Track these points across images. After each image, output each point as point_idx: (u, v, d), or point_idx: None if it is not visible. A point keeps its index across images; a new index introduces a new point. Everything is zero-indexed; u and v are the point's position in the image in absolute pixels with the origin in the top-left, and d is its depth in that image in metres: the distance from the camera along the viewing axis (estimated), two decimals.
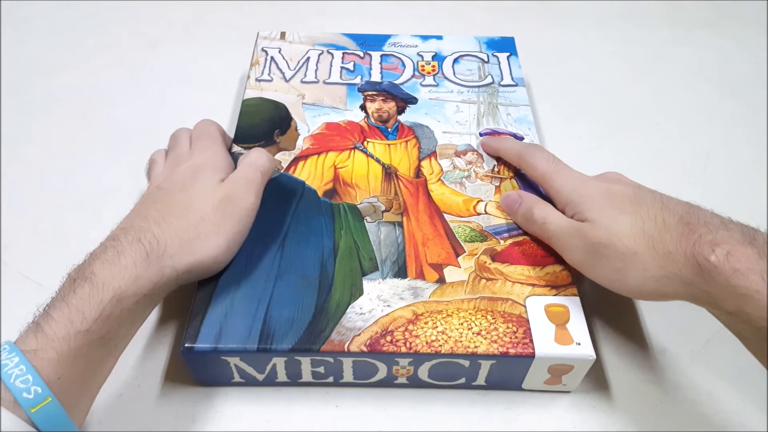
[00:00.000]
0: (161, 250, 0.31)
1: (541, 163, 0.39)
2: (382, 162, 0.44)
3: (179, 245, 0.32)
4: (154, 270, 0.30)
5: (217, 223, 0.34)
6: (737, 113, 0.56)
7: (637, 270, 0.31)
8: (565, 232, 0.35)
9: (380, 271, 0.37)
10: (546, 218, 0.36)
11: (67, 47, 0.61)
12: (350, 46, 0.54)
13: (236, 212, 0.35)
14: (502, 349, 0.33)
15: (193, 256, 0.32)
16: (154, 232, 0.32)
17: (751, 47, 0.64)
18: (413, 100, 0.49)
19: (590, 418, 0.35)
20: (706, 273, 0.28)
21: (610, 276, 0.33)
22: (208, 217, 0.34)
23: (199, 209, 0.34)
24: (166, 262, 0.31)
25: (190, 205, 0.34)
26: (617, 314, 0.40)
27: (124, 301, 0.29)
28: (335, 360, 0.34)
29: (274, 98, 0.49)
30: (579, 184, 0.36)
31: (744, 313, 0.27)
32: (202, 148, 0.39)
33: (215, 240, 0.33)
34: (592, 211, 0.34)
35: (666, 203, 0.33)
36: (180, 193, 0.35)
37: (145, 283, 0.30)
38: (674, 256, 0.29)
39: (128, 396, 0.35)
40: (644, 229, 0.31)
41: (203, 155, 0.38)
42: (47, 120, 0.53)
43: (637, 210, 0.32)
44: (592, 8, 0.69)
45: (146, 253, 0.30)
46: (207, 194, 0.35)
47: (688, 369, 0.38)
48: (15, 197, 0.47)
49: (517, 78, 0.51)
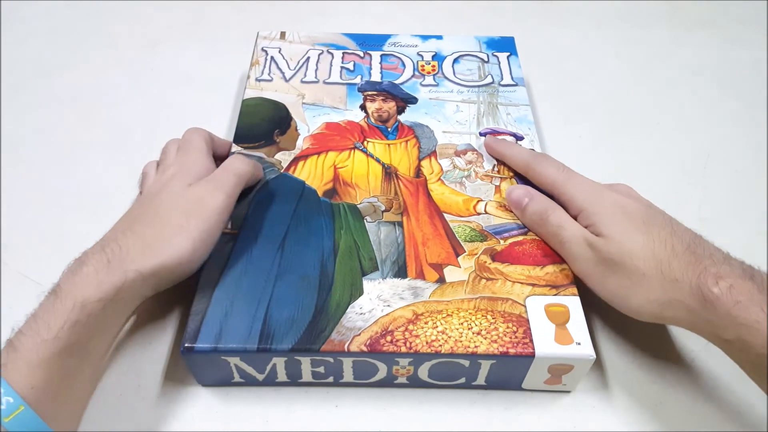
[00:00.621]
0: (123, 255, 0.31)
1: (551, 172, 0.39)
2: (382, 162, 0.44)
3: (142, 249, 0.32)
4: (117, 275, 0.31)
5: (181, 224, 0.34)
6: (737, 113, 0.56)
7: (642, 291, 0.32)
8: (578, 242, 0.35)
9: (380, 270, 0.37)
10: (562, 225, 0.36)
11: (67, 47, 0.61)
12: (350, 46, 0.54)
13: (202, 213, 0.35)
14: (502, 348, 0.33)
15: (157, 258, 0.32)
16: (118, 241, 0.32)
17: (751, 47, 0.64)
18: (413, 99, 0.49)
19: (590, 418, 0.35)
20: (709, 303, 0.29)
21: (615, 292, 0.34)
22: (173, 220, 0.34)
23: (165, 214, 0.34)
24: (128, 266, 0.31)
25: (157, 211, 0.34)
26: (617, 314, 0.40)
27: (89, 307, 0.29)
28: (335, 360, 0.34)
29: (274, 98, 0.49)
30: (593, 192, 0.36)
31: (743, 341, 0.29)
32: (179, 156, 0.39)
33: (178, 241, 0.33)
34: (606, 225, 0.34)
35: (675, 228, 0.33)
36: (149, 201, 0.36)
37: (108, 287, 0.30)
38: (680, 284, 0.31)
39: (128, 396, 0.35)
40: (654, 252, 0.32)
41: (177, 163, 0.38)
42: (47, 120, 0.53)
43: (650, 230, 0.33)
44: (592, 8, 0.69)
45: (107, 259, 0.31)
46: (174, 198, 0.35)
47: (688, 369, 0.38)
48: (15, 197, 0.47)
49: (517, 78, 0.51)
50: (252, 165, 0.40)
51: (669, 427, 0.35)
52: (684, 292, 0.30)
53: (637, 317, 0.34)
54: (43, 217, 0.45)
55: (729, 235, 0.37)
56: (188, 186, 0.36)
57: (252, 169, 0.40)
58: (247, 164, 0.39)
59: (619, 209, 0.35)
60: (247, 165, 0.39)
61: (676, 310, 0.31)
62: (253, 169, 0.40)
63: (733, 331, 0.29)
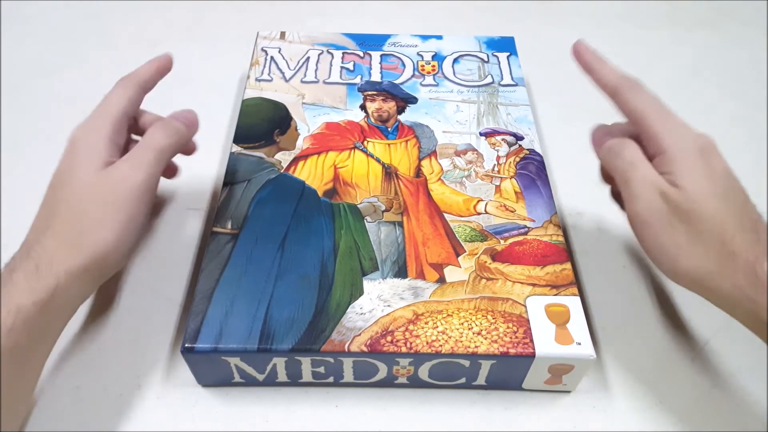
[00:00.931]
0: (49, 258, 0.30)
1: (645, 100, 0.35)
2: (382, 162, 0.44)
3: (66, 249, 0.31)
4: (48, 279, 0.30)
5: (98, 218, 0.32)
6: (737, 113, 0.56)
7: (697, 255, 0.31)
8: (648, 186, 0.32)
9: (380, 270, 0.37)
10: (635, 162, 0.33)
11: (67, 47, 0.61)
12: (350, 45, 0.54)
13: (119, 200, 0.32)
14: (502, 349, 0.33)
15: (82, 256, 0.31)
16: (41, 243, 0.31)
17: (751, 47, 0.64)
18: (413, 99, 0.49)
19: (590, 418, 0.35)
20: (760, 282, 0.29)
21: (668, 248, 0.32)
22: (90, 213, 0.32)
23: (81, 206, 0.32)
24: (57, 269, 0.30)
25: (72, 204, 0.32)
26: (617, 314, 0.40)
27: (24, 312, 0.29)
28: (335, 360, 0.34)
29: (274, 98, 0.49)
30: (683, 137, 0.33)
31: None
32: (89, 123, 0.35)
33: (100, 236, 0.32)
34: (687, 178, 0.31)
35: (748, 202, 0.32)
36: (62, 190, 0.33)
37: (40, 291, 0.30)
38: (737, 258, 0.30)
39: (128, 396, 0.35)
40: (723, 222, 0.31)
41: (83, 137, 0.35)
42: (47, 120, 0.53)
43: (727, 197, 0.31)
44: (592, 8, 0.69)
45: (35, 264, 0.30)
46: (86, 187, 0.32)
47: (688, 369, 0.38)
48: (15, 197, 0.46)
49: (517, 78, 0.51)
50: (175, 133, 0.36)
51: (669, 427, 0.35)
52: (738, 268, 0.30)
53: (677, 280, 0.32)
54: None
55: None
56: (100, 169, 0.33)
57: (176, 139, 0.36)
58: (168, 135, 0.36)
59: (705, 164, 0.32)
60: (168, 136, 0.35)
61: (721, 281, 0.30)
62: (177, 139, 0.36)
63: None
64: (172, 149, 0.36)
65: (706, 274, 0.31)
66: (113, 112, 0.35)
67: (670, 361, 0.38)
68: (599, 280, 0.42)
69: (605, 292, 0.42)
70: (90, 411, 0.35)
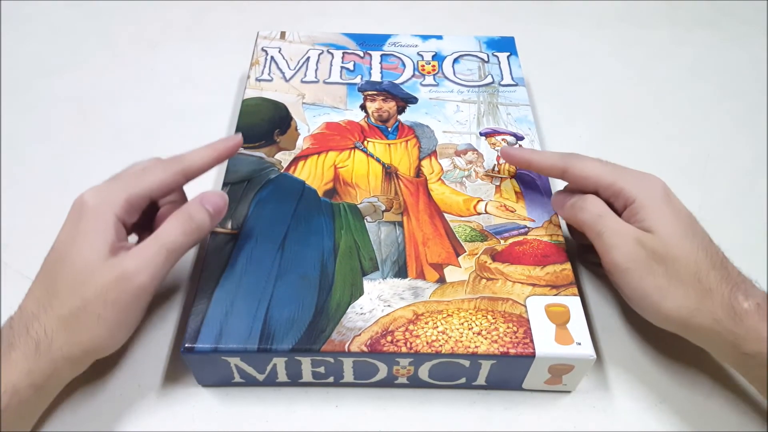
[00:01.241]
0: (49, 341, 0.30)
1: (595, 165, 0.36)
2: (382, 161, 0.44)
3: (66, 336, 0.30)
4: (45, 362, 0.30)
5: (98, 313, 0.30)
6: (737, 113, 0.56)
7: (678, 295, 0.32)
8: (623, 232, 0.34)
9: (380, 270, 0.37)
10: (602, 214, 0.35)
11: (67, 47, 0.61)
12: (350, 45, 0.54)
13: (121, 299, 0.31)
14: (502, 349, 0.33)
15: (79, 346, 0.31)
16: (40, 320, 0.30)
17: (751, 47, 0.64)
18: (413, 99, 0.49)
19: (590, 418, 0.35)
20: (738, 316, 0.31)
21: (650, 292, 0.33)
22: (90, 305, 0.30)
23: (82, 293, 0.31)
24: (56, 354, 0.30)
25: (73, 287, 0.31)
26: (617, 314, 0.40)
27: (21, 393, 0.29)
28: (335, 360, 0.34)
29: (274, 98, 0.49)
30: (644, 183, 0.35)
31: (762, 354, 0.30)
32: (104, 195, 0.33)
33: (98, 332, 0.31)
34: (659, 222, 0.33)
35: (710, 240, 0.34)
36: (63, 266, 0.31)
37: (38, 376, 0.30)
38: (713, 294, 0.32)
39: (128, 396, 0.35)
40: (697, 259, 0.32)
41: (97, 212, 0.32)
42: (47, 120, 0.53)
43: (695, 236, 0.33)
44: (592, 8, 0.69)
45: (35, 345, 0.30)
46: (90, 272, 0.31)
47: (687, 369, 0.38)
48: (15, 197, 0.46)
49: (517, 78, 0.51)
50: (195, 231, 0.33)
51: (669, 427, 0.35)
52: (716, 303, 0.31)
53: (662, 323, 0.34)
54: (43, 217, 0.45)
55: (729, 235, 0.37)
56: (106, 257, 0.31)
57: (194, 238, 0.33)
58: (185, 233, 0.33)
59: (671, 208, 0.34)
60: (185, 234, 0.33)
61: (703, 318, 0.32)
62: (195, 237, 0.33)
63: (756, 345, 0.30)
64: (186, 247, 0.33)
65: (688, 312, 0.32)
66: (136, 189, 0.33)
67: (670, 361, 0.38)
68: (599, 280, 0.42)
69: (605, 292, 0.42)
70: (90, 411, 0.35)
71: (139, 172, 0.34)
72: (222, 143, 0.36)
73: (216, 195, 0.35)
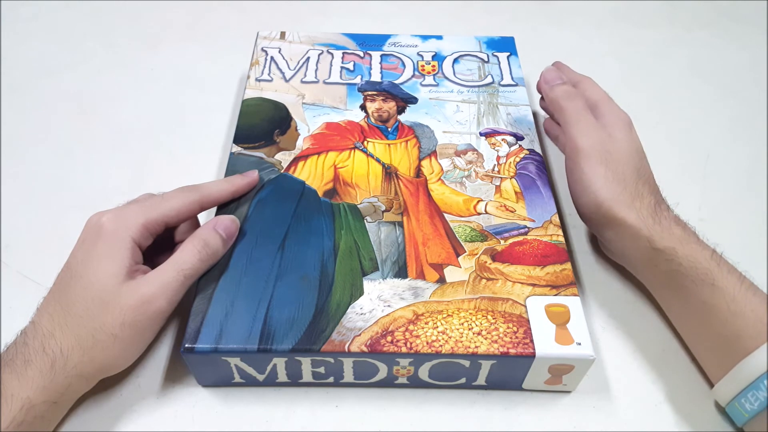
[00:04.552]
0: (64, 359, 0.31)
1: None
2: (382, 162, 0.44)
3: (81, 354, 0.31)
4: (60, 379, 0.31)
5: (115, 334, 0.31)
6: (737, 113, 0.56)
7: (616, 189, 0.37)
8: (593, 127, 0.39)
9: (380, 271, 0.37)
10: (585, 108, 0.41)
11: (67, 47, 0.61)
12: (350, 46, 0.54)
13: (137, 322, 0.32)
14: (502, 349, 0.33)
15: (94, 364, 0.32)
16: (56, 338, 0.31)
17: (751, 47, 0.64)
18: (413, 99, 0.49)
19: (590, 418, 0.35)
20: (658, 217, 0.36)
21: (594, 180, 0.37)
22: (106, 326, 0.31)
23: (98, 313, 0.31)
24: (70, 372, 0.31)
25: (88, 307, 0.32)
26: (617, 314, 0.40)
27: (36, 409, 0.30)
28: (335, 360, 0.34)
29: (274, 98, 0.49)
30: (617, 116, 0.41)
31: (670, 249, 0.35)
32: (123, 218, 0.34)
33: (112, 351, 0.32)
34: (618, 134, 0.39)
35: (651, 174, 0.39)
36: (79, 284, 0.32)
37: (53, 393, 0.31)
38: (643, 198, 0.37)
39: (128, 396, 0.35)
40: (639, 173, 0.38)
41: (112, 234, 0.33)
42: (47, 120, 0.53)
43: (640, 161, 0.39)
44: (592, 8, 0.69)
45: (51, 363, 0.31)
46: (107, 294, 0.32)
47: (687, 369, 0.38)
48: (15, 197, 0.47)
49: (517, 78, 0.51)
50: (210, 256, 0.35)
51: (669, 427, 0.35)
52: (643, 204, 0.37)
53: (593, 211, 0.38)
54: (43, 217, 0.45)
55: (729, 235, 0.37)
56: (123, 279, 0.32)
57: (208, 263, 0.35)
58: (201, 258, 0.34)
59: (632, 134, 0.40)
60: (201, 260, 0.34)
61: (628, 213, 0.36)
62: (209, 263, 0.35)
63: (668, 241, 0.35)
64: (201, 272, 0.35)
65: (618, 204, 0.36)
66: (153, 214, 0.34)
67: (670, 361, 0.38)
68: (599, 280, 0.42)
69: (605, 292, 0.42)
70: (90, 411, 0.35)
71: (158, 198, 0.35)
72: (239, 178, 0.40)
73: (228, 219, 0.37)
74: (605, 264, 0.43)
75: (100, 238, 0.33)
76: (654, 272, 0.37)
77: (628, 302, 0.41)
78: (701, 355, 0.36)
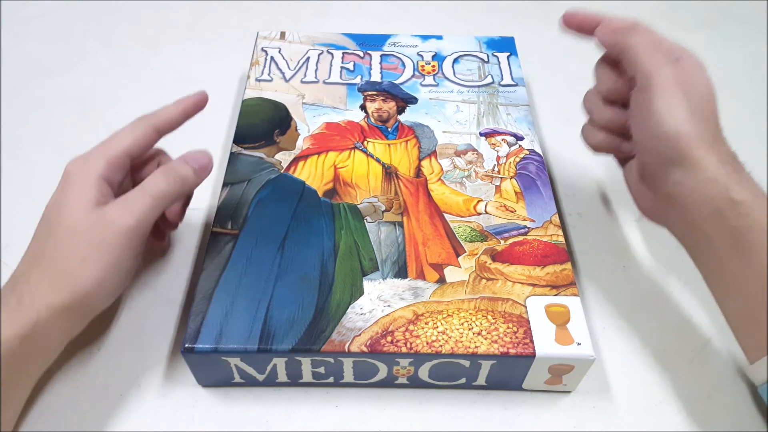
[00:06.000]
0: (33, 292, 0.31)
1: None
2: (382, 162, 0.44)
3: (50, 284, 0.31)
4: (29, 313, 0.30)
5: (84, 257, 0.31)
6: (737, 113, 0.56)
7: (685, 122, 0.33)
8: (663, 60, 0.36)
9: (380, 271, 0.37)
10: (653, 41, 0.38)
11: (67, 47, 0.61)
12: (350, 46, 0.54)
13: (107, 241, 0.32)
14: (502, 349, 0.33)
15: (64, 293, 0.31)
16: (27, 276, 0.31)
17: (751, 47, 0.64)
18: (413, 99, 0.49)
19: (590, 418, 0.35)
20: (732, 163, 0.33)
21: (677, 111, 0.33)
22: (77, 250, 0.31)
23: (69, 243, 0.32)
24: (39, 304, 0.30)
25: (61, 240, 0.32)
26: (617, 314, 0.40)
27: (6, 345, 0.29)
28: (335, 360, 0.34)
29: (274, 98, 0.49)
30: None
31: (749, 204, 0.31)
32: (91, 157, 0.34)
33: (83, 274, 0.31)
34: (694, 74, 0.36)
35: None
36: (53, 224, 0.33)
37: (22, 326, 0.30)
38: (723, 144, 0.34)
39: (128, 396, 0.35)
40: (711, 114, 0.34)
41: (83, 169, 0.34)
42: (47, 120, 0.53)
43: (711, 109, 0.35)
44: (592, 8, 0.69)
45: (18, 299, 0.31)
46: (77, 223, 0.32)
47: (688, 369, 0.38)
48: (15, 197, 0.47)
49: (517, 78, 0.51)
50: (179, 181, 0.35)
51: (669, 427, 0.35)
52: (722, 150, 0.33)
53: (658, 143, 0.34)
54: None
55: None
56: (91, 209, 0.32)
57: (178, 188, 0.34)
58: (169, 182, 0.34)
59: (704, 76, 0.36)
60: (169, 184, 0.34)
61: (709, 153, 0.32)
62: (179, 187, 0.35)
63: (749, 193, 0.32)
64: (172, 197, 0.34)
65: (700, 142, 0.32)
66: (113, 150, 0.35)
67: (670, 361, 0.38)
68: (599, 280, 0.42)
69: (605, 292, 0.42)
70: (90, 411, 0.35)
71: (114, 135, 0.36)
72: (189, 99, 0.39)
73: (198, 152, 0.37)
74: (605, 264, 0.43)
75: (67, 183, 0.34)
76: (719, 227, 0.32)
77: (628, 302, 0.41)
78: (745, 327, 0.33)
